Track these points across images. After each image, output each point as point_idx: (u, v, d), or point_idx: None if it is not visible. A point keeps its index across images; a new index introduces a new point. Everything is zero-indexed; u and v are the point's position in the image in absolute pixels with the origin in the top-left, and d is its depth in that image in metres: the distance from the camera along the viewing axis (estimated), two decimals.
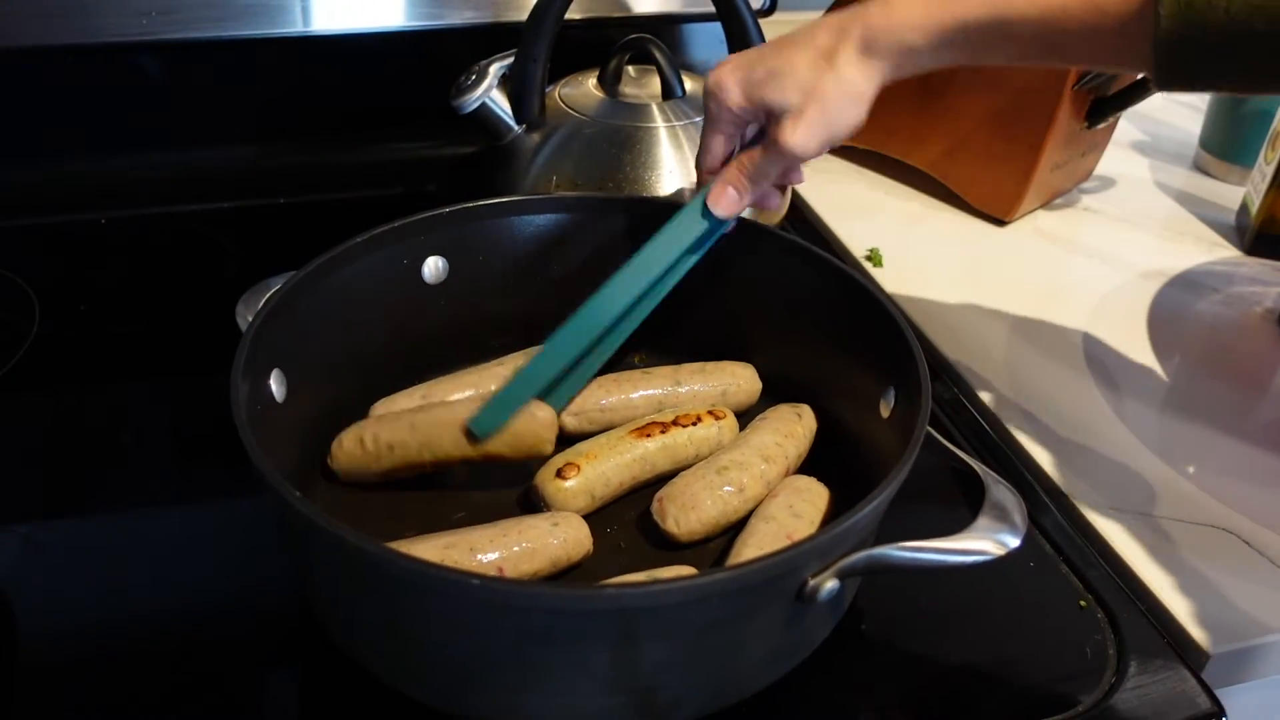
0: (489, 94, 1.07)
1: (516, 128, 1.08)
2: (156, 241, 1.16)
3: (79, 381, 0.95)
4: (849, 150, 1.37)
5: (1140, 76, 1.19)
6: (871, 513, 0.64)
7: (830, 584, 0.62)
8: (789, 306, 0.89)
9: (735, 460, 0.81)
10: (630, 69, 1.15)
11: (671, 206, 0.84)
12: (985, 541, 0.63)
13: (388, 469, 0.80)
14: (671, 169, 1.06)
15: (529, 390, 0.80)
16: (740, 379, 0.91)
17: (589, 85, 1.13)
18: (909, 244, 1.22)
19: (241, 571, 0.77)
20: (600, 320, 0.82)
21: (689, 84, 1.13)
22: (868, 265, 1.17)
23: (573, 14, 1.07)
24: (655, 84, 1.12)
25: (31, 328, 0.99)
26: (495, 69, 1.08)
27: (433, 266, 0.90)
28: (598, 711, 0.64)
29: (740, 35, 1.08)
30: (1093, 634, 0.75)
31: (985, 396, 0.98)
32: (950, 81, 1.23)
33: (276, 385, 0.76)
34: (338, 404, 0.85)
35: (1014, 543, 0.64)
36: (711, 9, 1.08)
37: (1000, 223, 1.26)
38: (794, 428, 0.85)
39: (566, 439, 0.86)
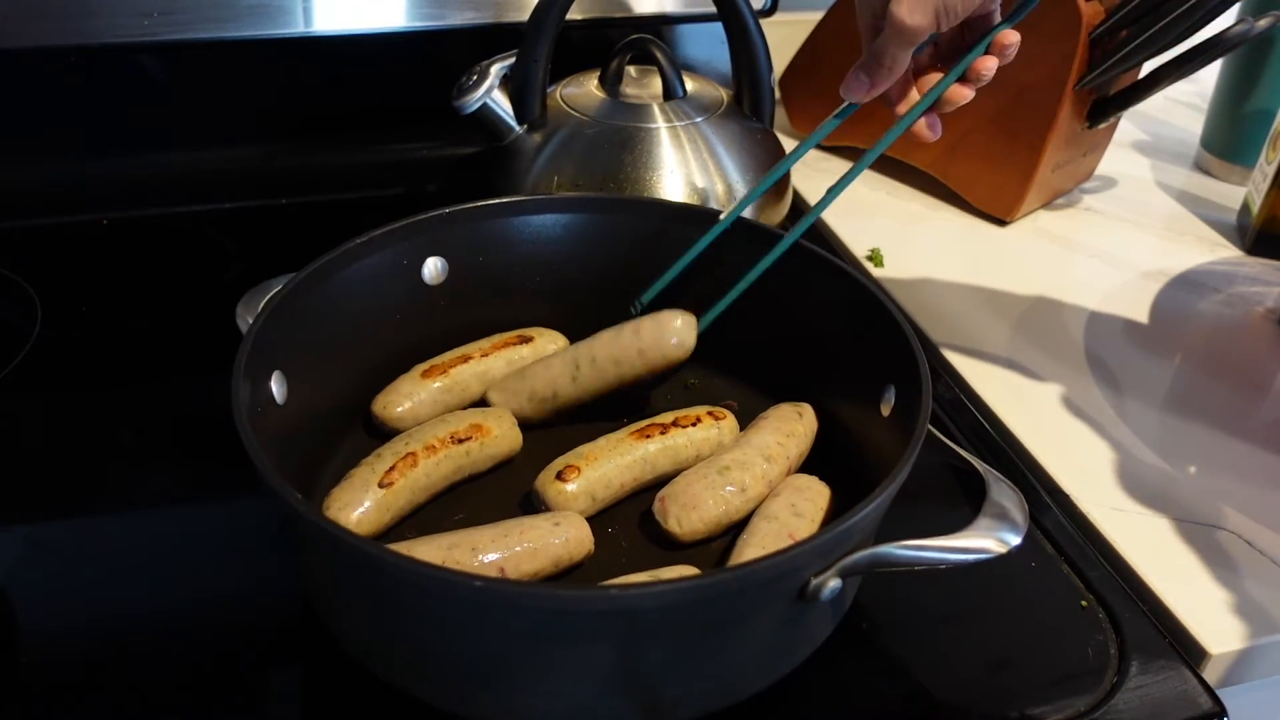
0: (490, 94, 1.07)
1: (518, 128, 1.08)
2: (158, 242, 1.16)
3: (80, 382, 0.95)
4: (849, 150, 1.37)
5: (1142, 76, 1.19)
6: (873, 512, 0.64)
7: (833, 583, 0.62)
8: (791, 306, 0.89)
9: (737, 460, 0.81)
10: (631, 69, 1.15)
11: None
12: (987, 539, 0.63)
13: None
14: (672, 169, 1.06)
15: None
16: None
17: (590, 86, 1.13)
18: (910, 244, 1.22)
19: (242, 571, 0.77)
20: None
21: (689, 84, 1.13)
22: (868, 265, 1.17)
23: (574, 14, 1.07)
24: (656, 84, 1.12)
25: (33, 328, 1.00)
26: (496, 69, 1.08)
27: (432, 267, 0.90)
28: (599, 711, 0.64)
29: (741, 35, 1.08)
30: (1094, 634, 0.75)
31: (986, 396, 0.98)
32: None
33: (277, 387, 0.76)
34: (338, 405, 0.85)
35: (1015, 540, 0.64)
36: (712, 9, 1.08)
37: (1001, 223, 1.26)
38: (795, 426, 0.85)
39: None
